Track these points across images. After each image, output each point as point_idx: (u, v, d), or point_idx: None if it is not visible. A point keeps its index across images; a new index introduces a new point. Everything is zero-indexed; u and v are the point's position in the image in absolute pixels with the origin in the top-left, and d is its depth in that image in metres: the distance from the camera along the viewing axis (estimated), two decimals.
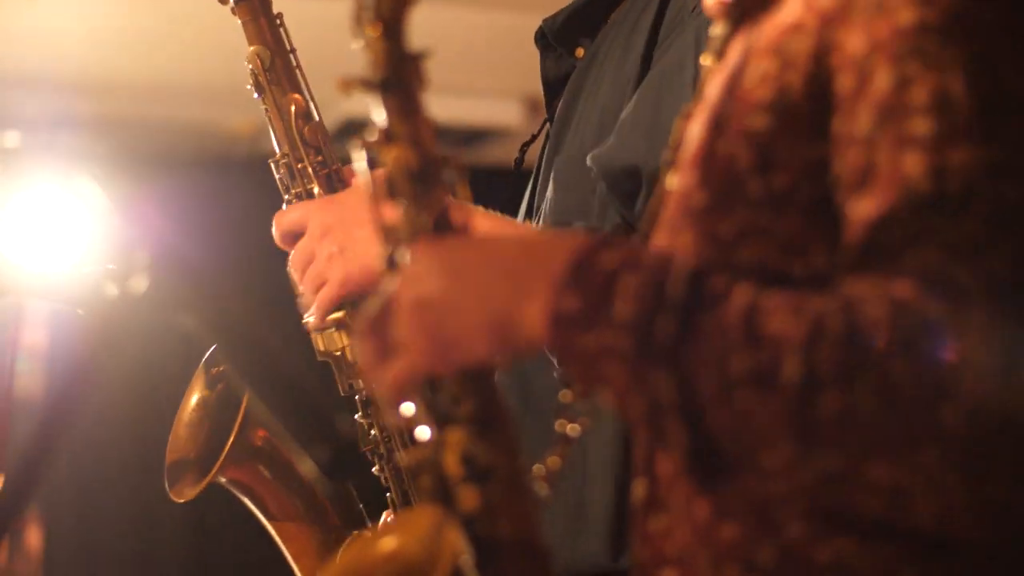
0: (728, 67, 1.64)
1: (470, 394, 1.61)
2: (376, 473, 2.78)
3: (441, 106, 2.66)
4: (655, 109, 2.53)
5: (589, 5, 2.84)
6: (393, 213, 1.66)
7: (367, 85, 1.65)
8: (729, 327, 1.44)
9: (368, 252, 2.63)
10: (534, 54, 2.93)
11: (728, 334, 1.43)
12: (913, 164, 1.44)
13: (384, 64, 1.64)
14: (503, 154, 7.08)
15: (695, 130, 1.65)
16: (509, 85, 6.44)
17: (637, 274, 1.49)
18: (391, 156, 1.64)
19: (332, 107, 6.62)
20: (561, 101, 2.85)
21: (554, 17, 2.88)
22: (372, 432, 2.78)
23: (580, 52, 2.86)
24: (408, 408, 1.62)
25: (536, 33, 2.91)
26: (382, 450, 2.77)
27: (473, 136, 6.82)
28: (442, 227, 1.63)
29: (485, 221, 2.56)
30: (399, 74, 1.64)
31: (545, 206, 2.74)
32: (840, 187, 1.50)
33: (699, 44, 2.49)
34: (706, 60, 1.76)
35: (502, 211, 2.65)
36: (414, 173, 1.64)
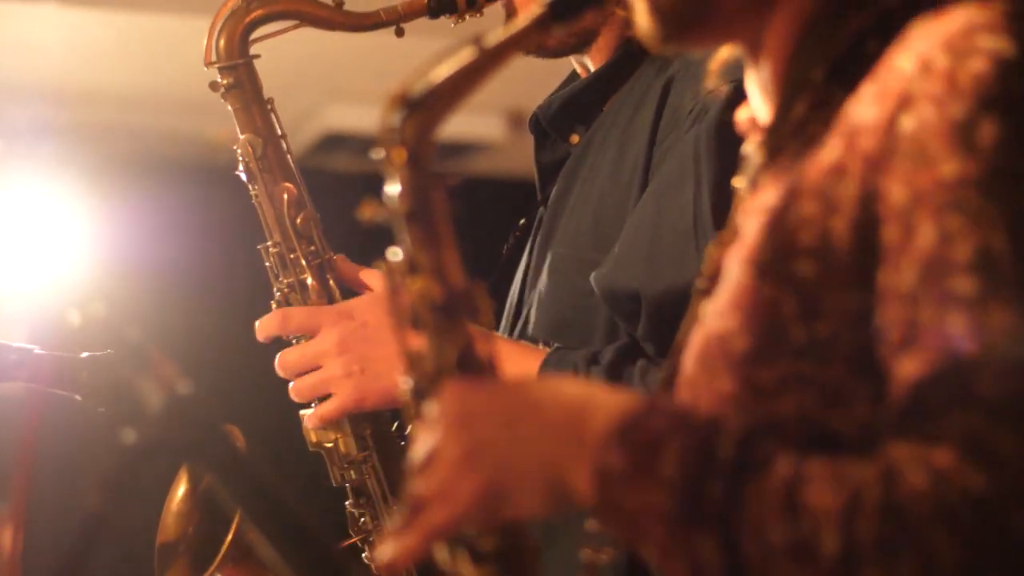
0: (768, 206, 1.60)
1: (497, 531, 1.61)
2: (367, 561, 2.78)
3: None
4: (654, 229, 2.52)
5: (584, 92, 2.83)
6: (418, 342, 1.63)
7: (391, 213, 1.63)
8: (772, 496, 1.41)
9: (388, 375, 2.62)
10: (517, 68, 2.91)
11: (771, 503, 1.41)
12: (955, 324, 1.41)
13: (409, 192, 1.62)
14: (487, 167, 7.07)
15: (734, 269, 1.61)
16: (491, 100, 6.43)
17: (685, 435, 1.46)
18: (415, 288, 1.62)
19: (312, 119, 6.64)
20: (555, 188, 2.84)
21: (548, 103, 2.87)
22: (363, 519, 2.79)
23: (575, 139, 2.86)
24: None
25: (530, 119, 2.90)
26: (373, 538, 2.77)
27: (455, 150, 6.82)
28: (467, 362, 1.61)
29: (507, 349, 2.58)
30: (424, 203, 1.62)
31: (537, 297, 2.74)
32: (883, 341, 1.47)
33: (698, 159, 2.48)
34: (739, 183, 1.74)
35: (484, 222, 2.62)
36: (438, 306, 1.61)
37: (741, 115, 1.78)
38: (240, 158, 2.77)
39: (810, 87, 1.63)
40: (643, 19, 1.69)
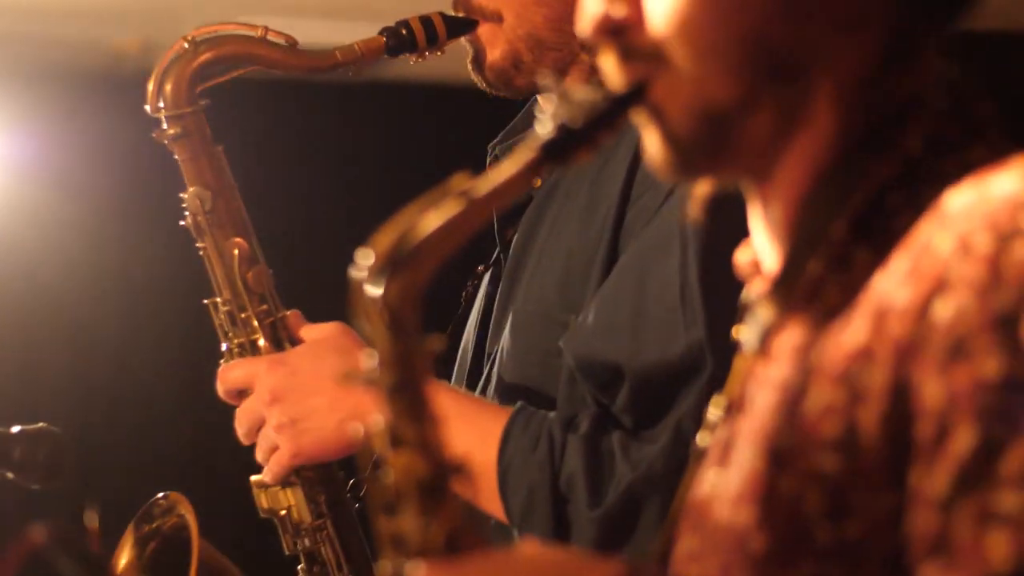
0: (783, 381, 1.47)
1: None
2: None
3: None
4: (637, 299, 2.40)
5: None
6: (407, 524, 1.51)
7: (372, 383, 1.50)
8: None
9: (322, 425, 2.52)
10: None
11: None
12: (997, 544, 1.29)
13: (392, 362, 1.49)
14: None
15: (745, 451, 1.48)
16: None
17: None
18: (399, 464, 1.49)
19: None
20: (517, 234, 2.72)
21: (510, 146, 2.74)
22: None
23: (537, 181, 2.73)
24: None
25: (490, 161, 2.77)
26: None
27: None
28: (455, 543, 1.49)
29: (469, 407, 2.48)
30: (408, 372, 1.49)
31: (500, 355, 2.62)
32: (911, 548, 1.35)
33: (684, 232, 2.36)
34: (742, 335, 1.61)
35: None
36: (424, 484, 1.49)
37: (742, 256, 1.64)
38: (187, 212, 2.63)
39: (827, 243, 1.50)
40: (655, 148, 1.56)
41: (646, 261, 2.42)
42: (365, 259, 1.51)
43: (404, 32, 2.67)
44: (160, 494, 2.63)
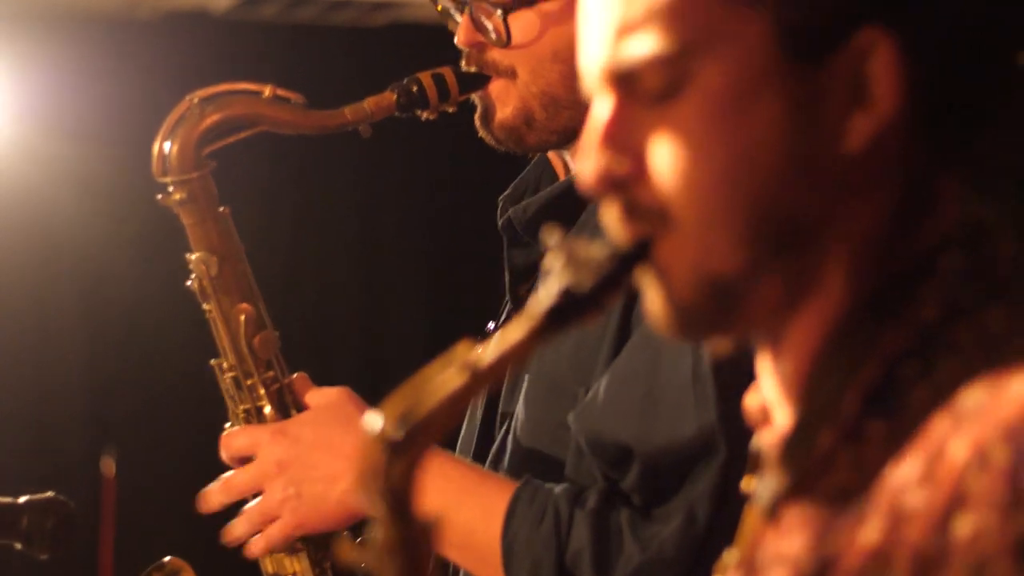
0: (795, 560, 1.44)
1: None
2: None
3: None
4: (649, 379, 2.36)
5: (564, 196, 2.65)
6: None
7: (374, 566, 1.47)
8: None
9: (326, 497, 2.50)
10: None
11: None
12: None
13: (394, 545, 1.46)
14: None
15: None
16: None
17: None
18: None
19: None
20: (530, 291, 2.68)
21: (524, 208, 2.70)
22: None
23: (550, 231, 2.68)
24: None
25: (503, 222, 2.73)
26: None
27: None
28: None
29: (474, 479, 2.46)
30: (410, 557, 1.46)
31: (515, 421, 2.59)
32: None
33: None
34: (753, 487, 1.57)
35: None
36: None
37: (752, 400, 1.60)
38: (193, 276, 2.59)
39: (839, 415, 1.45)
40: (657, 309, 1.51)
41: (658, 340, 2.38)
42: (372, 427, 1.46)
43: (415, 89, 2.62)
44: (164, 559, 2.61)
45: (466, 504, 2.44)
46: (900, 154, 1.46)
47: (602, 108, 1.50)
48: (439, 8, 2.67)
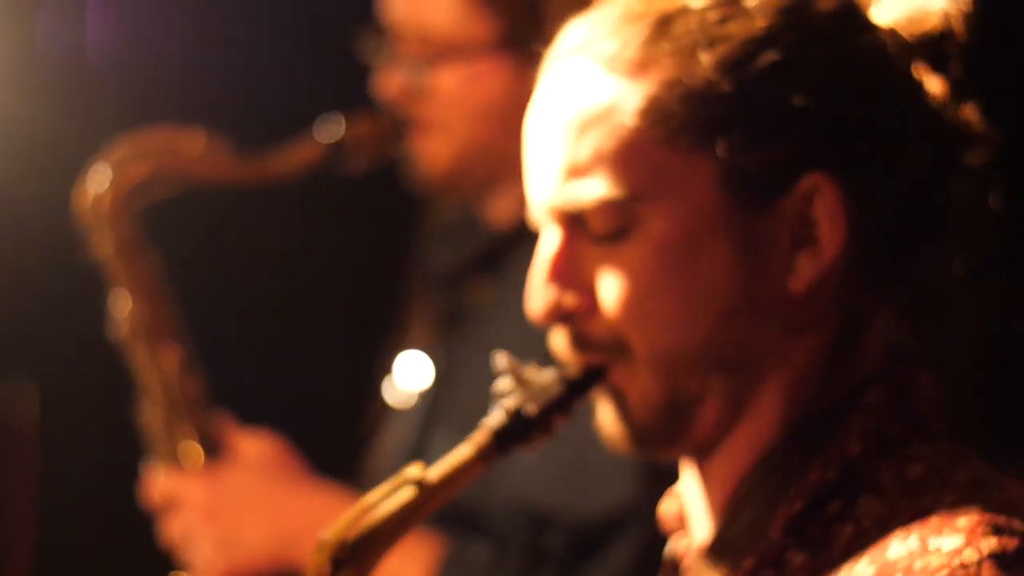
0: None
1: None
2: None
3: None
4: (574, 446, 2.42)
5: (489, 248, 2.71)
6: None
7: None
8: None
9: (253, 543, 2.53)
10: None
11: None
12: None
13: None
14: None
15: None
16: None
17: None
18: None
19: None
20: (455, 346, 2.74)
21: (449, 259, 2.76)
22: None
23: (475, 292, 2.75)
24: None
25: (431, 274, 2.79)
26: None
27: None
28: None
29: None
30: None
31: None
32: None
33: None
34: None
35: None
36: None
37: (668, 506, 1.66)
38: (118, 320, 2.62)
39: (763, 541, 1.51)
40: (612, 426, 1.57)
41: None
42: (321, 549, 1.52)
43: (339, 140, 2.66)
44: None
45: (394, 560, 2.49)
46: (839, 291, 1.53)
47: (550, 243, 1.56)
48: (368, 59, 2.71)
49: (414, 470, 1.54)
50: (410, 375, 2.82)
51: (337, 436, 2.99)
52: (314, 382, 3.45)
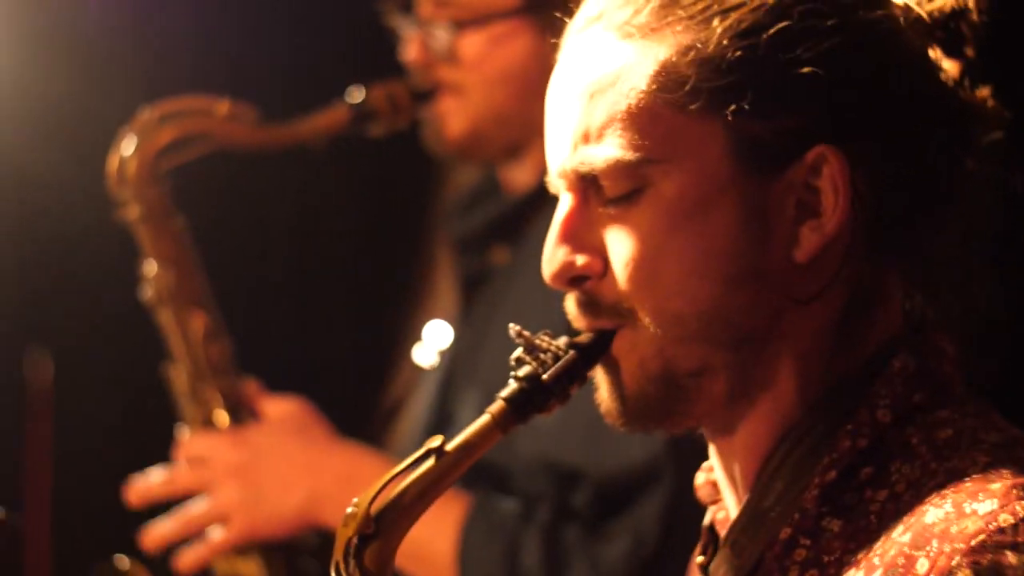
0: None
1: None
2: None
3: None
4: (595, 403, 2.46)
5: (510, 212, 2.74)
6: None
7: None
8: None
9: (279, 502, 2.57)
10: None
11: None
12: None
13: None
14: None
15: None
16: None
17: None
18: None
19: None
20: (478, 310, 2.76)
21: (468, 221, 2.78)
22: None
23: (498, 256, 2.77)
24: None
25: (453, 239, 2.81)
26: None
27: None
28: None
29: None
30: None
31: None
32: None
33: None
34: (702, 562, 1.65)
35: None
36: None
37: (700, 478, 1.69)
38: (149, 287, 2.65)
39: (798, 510, 1.53)
40: (606, 398, 1.60)
41: None
42: (347, 523, 1.53)
43: (366, 103, 2.68)
44: (115, 557, 2.66)
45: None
46: (845, 262, 1.55)
47: (563, 206, 1.59)
48: (390, 24, 2.73)
49: (435, 441, 1.56)
50: (438, 341, 2.86)
51: (361, 400, 3.03)
52: (338, 346, 3.48)
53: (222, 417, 2.65)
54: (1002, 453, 1.48)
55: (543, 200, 2.67)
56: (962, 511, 1.43)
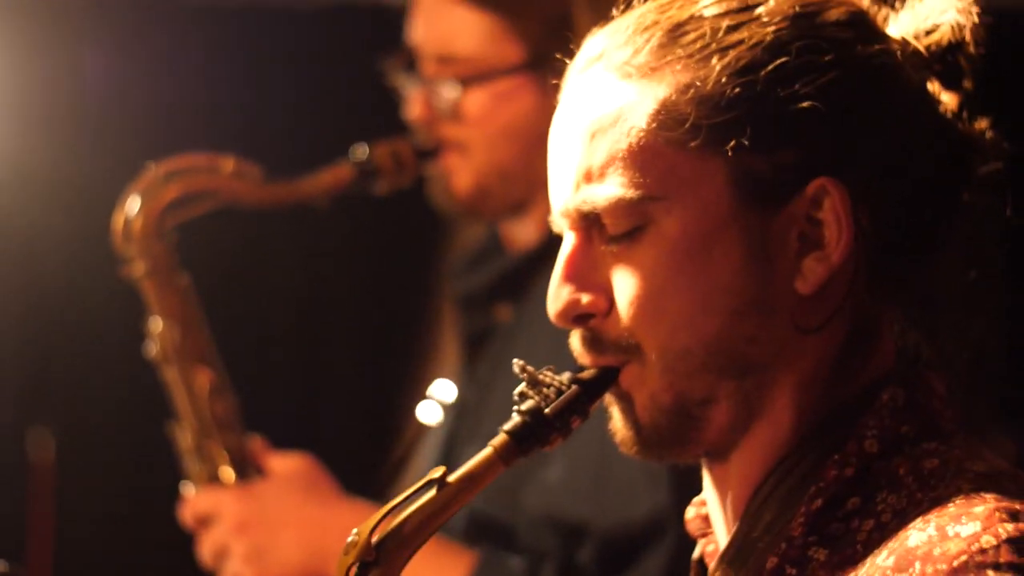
0: None
1: None
2: None
3: None
4: (601, 457, 2.45)
5: (515, 269, 2.75)
6: None
7: None
8: None
9: (287, 557, 2.57)
10: None
11: None
12: None
13: None
14: None
15: None
16: None
17: None
18: None
19: None
20: (482, 368, 2.77)
21: (472, 280, 2.79)
22: None
23: (501, 313, 2.78)
24: None
25: (458, 297, 2.82)
26: None
27: None
28: None
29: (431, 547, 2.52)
30: None
31: None
32: None
33: None
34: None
35: None
36: None
37: (691, 512, 1.69)
38: (154, 344, 2.66)
39: (784, 539, 1.54)
40: (620, 429, 1.60)
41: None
42: (347, 550, 1.53)
43: (370, 161, 2.70)
44: None
45: (425, 572, 2.52)
46: (848, 294, 1.56)
47: (567, 245, 1.60)
48: (394, 83, 2.75)
49: (436, 471, 1.56)
50: (443, 398, 2.86)
51: (366, 456, 3.03)
52: (343, 403, 3.49)
53: (228, 473, 2.66)
54: (987, 481, 1.48)
55: (546, 257, 2.68)
56: (945, 534, 1.43)
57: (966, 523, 1.43)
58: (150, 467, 3.27)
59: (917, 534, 1.44)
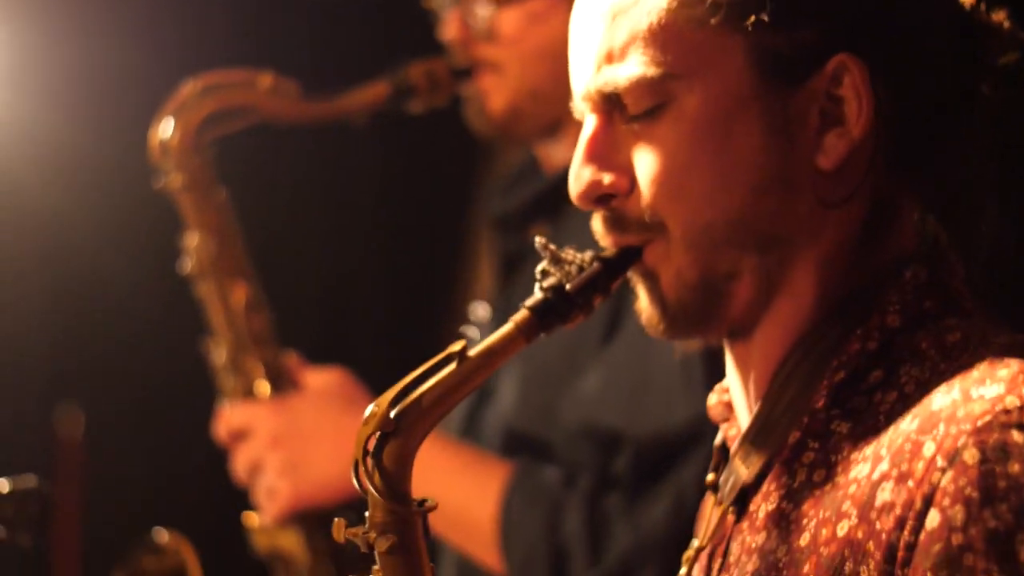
0: (766, 552, 1.54)
1: None
2: None
3: None
4: (639, 366, 2.45)
5: (551, 190, 2.75)
6: None
7: (368, 542, 1.55)
8: None
9: (323, 471, 2.58)
10: None
11: None
12: None
13: (387, 525, 1.54)
14: None
15: None
16: None
17: None
18: None
19: None
20: (520, 288, 2.78)
21: (508, 200, 2.81)
22: None
23: (538, 235, 2.79)
24: None
25: (494, 218, 2.84)
26: None
27: None
28: None
29: (467, 459, 2.54)
30: (404, 536, 1.54)
31: (502, 405, 2.68)
32: None
33: None
34: (714, 479, 1.67)
35: None
36: None
37: (713, 399, 1.70)
38: (190, 258, 2.68)
39: (807, 413, 1.55)
40: (647, 308, 1.62)
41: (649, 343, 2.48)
42: (367, 421, 1.54)
43: (406, 79, 2.72)
44: (158, 531, 2.66)
45: (460, 484, 2.54)
46: (868, 172, 1.57)
47: (588, 127, 1.61)
48: (430, 3, 2.76)
49: (457, 345, 1.57)
50: (479, 319, 2.88)
51: (401, 373, 3.04)
52: (378, 321, 3.51)
53: (263, 388, 2.67)
54: (1010, 350, 1.49)
55: None
56: (969, 396, 1.45)
57: (990, 385, 1.44)
58: (179, 442, 3.30)
59: (941, 397, 1.46)
